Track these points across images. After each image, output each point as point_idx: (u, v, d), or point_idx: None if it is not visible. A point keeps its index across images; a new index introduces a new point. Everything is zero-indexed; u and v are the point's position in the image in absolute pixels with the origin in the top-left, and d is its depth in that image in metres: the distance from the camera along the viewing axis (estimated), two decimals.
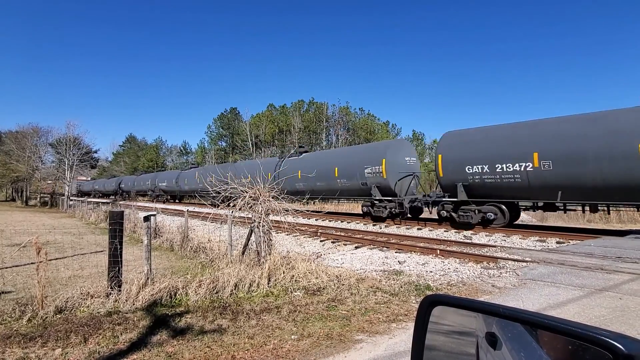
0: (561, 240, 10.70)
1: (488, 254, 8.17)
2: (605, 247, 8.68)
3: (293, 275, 5.91)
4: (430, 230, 13.57)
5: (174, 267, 7.22)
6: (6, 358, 3.32)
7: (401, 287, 5.59)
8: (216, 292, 5.21)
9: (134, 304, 4.69)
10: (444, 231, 13.26)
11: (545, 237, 11.10)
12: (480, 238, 11.48)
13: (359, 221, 17.02)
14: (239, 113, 58.49)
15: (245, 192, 6.63)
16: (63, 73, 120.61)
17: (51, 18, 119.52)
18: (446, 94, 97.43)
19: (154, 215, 6.26)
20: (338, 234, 12.98)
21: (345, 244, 10.90)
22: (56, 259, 7.99)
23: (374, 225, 15.63)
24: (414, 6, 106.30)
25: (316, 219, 17.75)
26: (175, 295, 5.04)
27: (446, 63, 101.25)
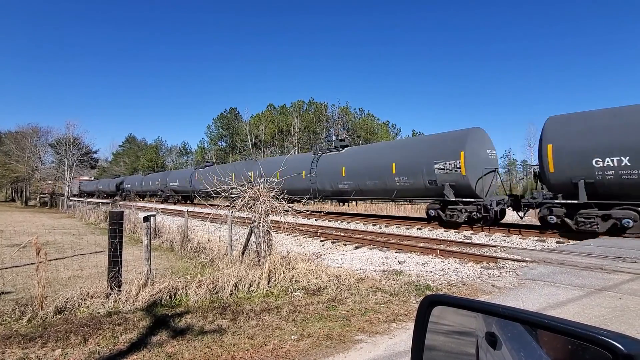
0: (561, 240, 10.71)
1: (488, 254, 8.18)
2: (604, 247, 8.69)
3: (293, 276, 5.90)
4: (430, 230, 13.59)
5: (174, 268, 7.21)
6: (6, 358, 3.32)
7: (401, 287, 5.59)
8: (216, 293, 5.21)
9: (133, 305, 4.68)
10: (444, 231, 13.27)
11: (545, 237, 11.11)
12: (480, 238, 11.50)
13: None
14: (238, 113, 58.58)
15: (245, 192, 6.63)
16: (63, 73, 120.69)
17: (51, 18, 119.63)
18: (446, 94, 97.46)
19: (154, 215, 6.26)
20: (338, 234, 12.98)
21: (345, 244, 10.90)
22: (56, 259, 7.99)
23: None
24: (414, 6, 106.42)
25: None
26: (175, 295, 5.04)
27: (446, 63, 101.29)
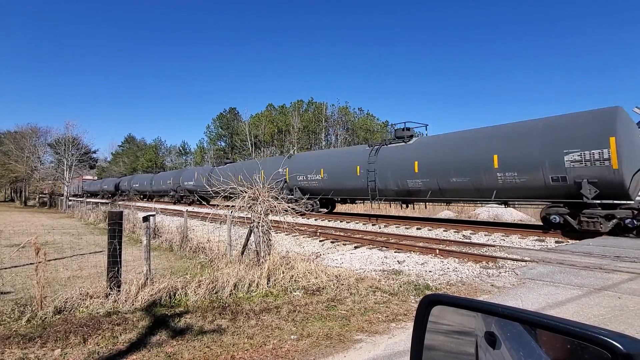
0: (560, 239, 10.72)
1: (487, 254, 8.18)
2: (604, 247, 8.70)
3: (292, 275, 5.90)
4: (430, 230, 13.60)
5: (173, 268, 7.21)
6: (5, 358, 3.32)
7: (400, 287, 5.59)
8: (215, 292, 5.21)
9: (133, 305, 4.68)
10: (443, 230, 13.28)
11: (544, 237, 11.13)
12: (480, 238, 11.50)
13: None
14: (238, 113, 58.58)
15: (245, 192, 6.63)
16: (62, 73, 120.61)
17: (51, 18, 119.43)
18: (445, 93, 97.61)
19: (153, 215, 6.25)
20: (337, 233, 12.98)
21: (345, 244, 10.90)
22: (55, 259, 7.98)
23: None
24: (414, 6, 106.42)
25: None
26: (174, 295, 5.04)
27: (446, 63, 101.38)
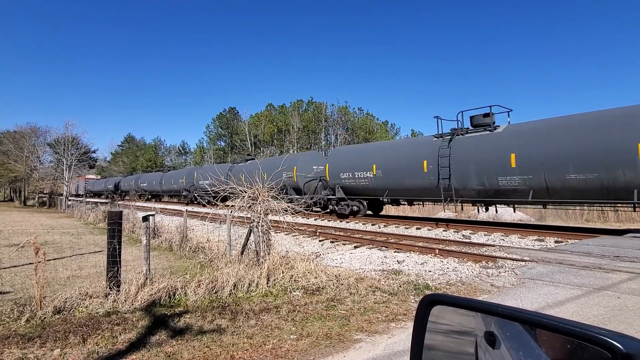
0: (559, 239, 10.73)
1: (487, 254, 8.18)
2: (603, 247, 8.70)
3: (292, 275, 5.90)
4: (429, 230, 13.60)
5: (173, 267, 7.20)
6: (4, 358, 3.31)
7: (400, 287, 5.60)
8: (215, 292, 5.21)
9: (132, 304, 4.68)
10: (443, 230, 13.29)
11: (543, 237, 11.13)
12: (479, 237, 11.51)
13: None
14: (237, 113, 58.52)
15: (244, 192, 6.63)
16: (62, 73, 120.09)
17: (51, 18, 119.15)
18: (445, 93, 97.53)
19: (153, 215, 6.25)
20: (337, 233, 12.97)
21: (344, 244, 10.90)
22: (55, 259, 7.97)
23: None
24: (414, 6, 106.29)
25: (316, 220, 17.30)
26: (174, 295, 5.04)
27: (446, 63, 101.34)
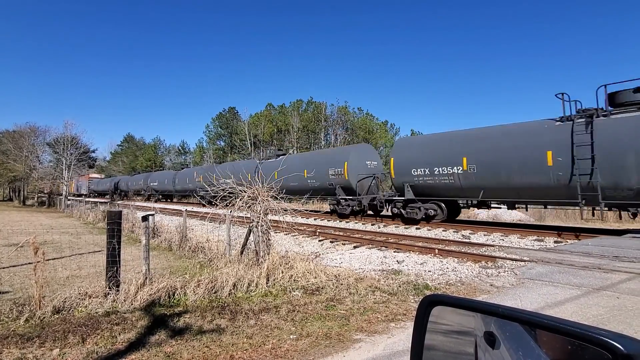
0: (559, 239, 10.73)
1: (486, 254, 8.19)
2: (602, 247, 8.71)
3: (292, 275, 5.90)
4: (429, 230, 13.60)
5: (173, 267, 7.20)
6: (4, 358, 3.31)
7: (400, 287, 5.60)
8: (215, 292, 5.20)
9: (132, 304, 4.67)
10: (442, 230, 13.29)
11: (543, 237, 11.14)
12: (479, 237, 11.51)
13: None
14: (237, 113, 58.45)
15: (244, 192, 6.62)
16: (61, 72, 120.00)
17: (50, 18, 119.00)
18: (444, 93, 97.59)
19: (152, 215, 6.25)
20: (337, 233, 12.98)
21: (344, 244, 10.90)
22: (54, 258, 7.96)
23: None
24: (414, 6, 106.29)
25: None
26: (173, 295, 5.03)
27: (445, 63, 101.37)
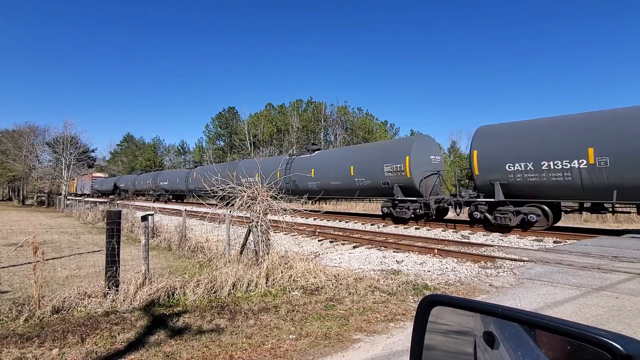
0: (558, 239, 10.74)
1: (485, 254, 8.19)
2: (602, 247, 8.72)
3: (291, 275, 5.90)
4: (428, 230, 13.61)
5: (172, 267, 7.20)
6: (3, 358, 3.31)
7: (399, 287, 5.60)
8: (214, 292, 5.20)
9: (131, 304, 4.67)
10: (442, 230, 13.30)
11: (542, 237, 11.15)
12: (478, 238, 11.52)
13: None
14: (237, 112, 58.40)
15: (244, 192, 6.62)
16: (61, 72, 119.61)
17: (50, 18, 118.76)
18: (444, 93, 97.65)
19: (152, 214, 6.25)
20: (336, 233, 12.98)
21: (344, 244, 10.90)
22: (53, 258, 7.95)
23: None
24: (414, 6, 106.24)
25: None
26: (173, 295, 5.03)
27: (444, 63, 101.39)
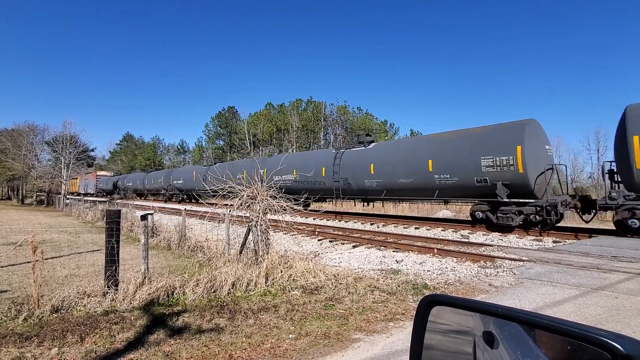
0: (557, 239, 10.75)
1: (485, 253, 8.20)
2: (601, 247, 8.73)
3: (291, 274, 5.90)
4: (428, 230, 13.61)
5: (171, 266, 7.19)
6: (2, 357, 3.30)
7: (399, 286, 5.60)
8: (214, 291, 5.20)
9: (131, 303, 4.67)
10: (441, 230, 13.31)
11: (542, 237, 11.16)
12: (478, 237, 11.53)
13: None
14: (236, 112, 58.44)
15: (243, 191, 6.62)
16: (60, 71, 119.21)
17: (50, 18, 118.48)
18: (444, 93, 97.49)
19: (151, 214, 6.24)
20: (336, 232, 12.98)
21: (343, 243, 10.90)
22: (52, 257, 7.94)
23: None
24: (413, 6, 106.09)
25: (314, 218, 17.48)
26: (172, 294, 5.03)
27: (444, 63, 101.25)
